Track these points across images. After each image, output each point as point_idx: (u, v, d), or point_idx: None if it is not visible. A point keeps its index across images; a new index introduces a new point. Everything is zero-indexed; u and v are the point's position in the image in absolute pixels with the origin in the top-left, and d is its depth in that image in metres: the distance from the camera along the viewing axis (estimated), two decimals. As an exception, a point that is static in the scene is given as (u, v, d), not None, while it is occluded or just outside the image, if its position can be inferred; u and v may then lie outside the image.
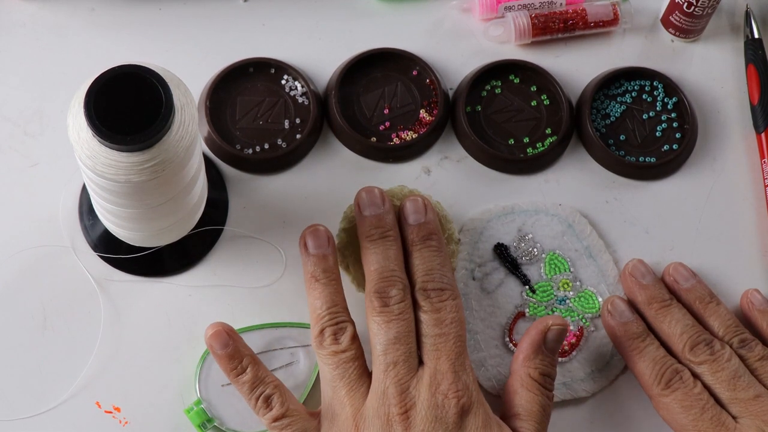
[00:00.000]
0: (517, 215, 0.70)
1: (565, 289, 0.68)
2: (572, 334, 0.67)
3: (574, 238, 0.69)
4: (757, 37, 0.76)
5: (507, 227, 0.69)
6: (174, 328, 0.66)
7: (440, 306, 0.59)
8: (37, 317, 0.65)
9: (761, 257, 0.71)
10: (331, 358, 0.59)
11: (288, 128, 0.71)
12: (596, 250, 0.69)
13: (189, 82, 0.57)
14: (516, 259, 0.68)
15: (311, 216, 0.69)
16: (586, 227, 0.69)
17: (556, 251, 0.69)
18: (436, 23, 0.76)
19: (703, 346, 0.63)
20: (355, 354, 0.59)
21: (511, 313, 0.67)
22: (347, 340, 0.59)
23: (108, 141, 0.52)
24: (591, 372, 0.66)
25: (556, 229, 0.69)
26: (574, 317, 0.67)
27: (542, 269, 0.68)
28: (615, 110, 0.74)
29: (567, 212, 0.70)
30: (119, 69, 0.53)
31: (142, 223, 0.61)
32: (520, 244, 0.69)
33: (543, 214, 0.70)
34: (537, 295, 0.68)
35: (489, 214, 0.70)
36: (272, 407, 0.59)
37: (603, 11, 0.76)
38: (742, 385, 0.61)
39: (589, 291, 0.68)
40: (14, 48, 0.73)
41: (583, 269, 0.69)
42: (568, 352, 0.66)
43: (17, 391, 0.63)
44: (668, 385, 0.62)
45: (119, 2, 0.74)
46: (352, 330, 0.60)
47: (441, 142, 0.73)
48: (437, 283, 0.60)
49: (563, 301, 0.68)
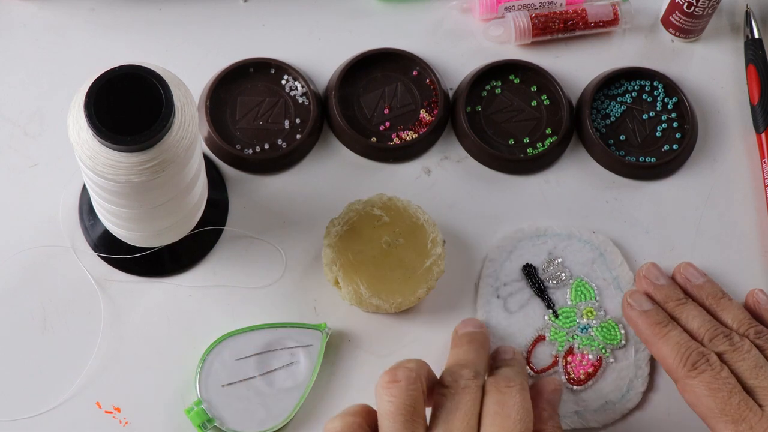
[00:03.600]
0: (549, 238, 0.69)
1: (589, 317, 0.67)
2: (590, 364, 0.66)
3: (604, 267, 0.68)
4: (757, 37, 0.76)
5: (538, 249, 0.69)
6: (174, 328, 0.66)
7: (505, 390, 0.57)
8: (37, 317, 0.65)
9: (761, 257, 0.71)
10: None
11: (288, 128, 0.71)
12: (625, 282, 0.68)
13: (189, 82, 0.57)
14: (543, 282, 0.68)
15: (311, 216, 0.69)
16: (618, 257, 0.69)
17: (584, 278, 0.68)
18: (436, 23, 0.76)
19: (722, 337, 0.62)
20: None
21: (532, 335, 0.67)
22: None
23: (108, 141, 0.52)
24: (605, 403, 0.65)
25: (587, 256, 0.69)
26: (594, 346, 0.66)
27: (568, 295, 0.68)
28: (615, 110, 0.74)
29: (600, 240, 0.69)
30: (119, 69, 0.53)
31: (143, 223, 0.61)
32: (548, 267, 0.68)
33: (576, 239, 0.69)
34: (560, 321, 0.67)
35: (521, 234, 0.69)
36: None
37: (603, 11, 0.76)
38: (764, 374, 0.60)
39: (612, 322, 0.67)
40: (14, 48, 0.73)
41: (610, 299, 0.68)
42: (584, 381, 0.66)
43: (17, 391, 0.63)
44: (694, 366, 0.60)
45: (119, 2, 0.74)
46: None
47: (441, 142, 0.73)
48: (506, 376, 0.59)
49: (585, 329, 0.67)
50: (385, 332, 0.67)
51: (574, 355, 0.66)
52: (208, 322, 0.66)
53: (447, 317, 0.67)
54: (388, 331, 0.67)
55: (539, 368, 0.66)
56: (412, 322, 0.67)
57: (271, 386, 0.64)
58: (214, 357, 0.64)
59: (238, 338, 0.64)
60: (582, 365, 0.66)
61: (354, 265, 0.64)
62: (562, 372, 0.66)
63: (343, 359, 0.66)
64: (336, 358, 0.66)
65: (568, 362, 0.66)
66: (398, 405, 0.54)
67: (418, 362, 0.57)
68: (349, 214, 0.66)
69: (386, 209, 0.66)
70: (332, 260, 0.65)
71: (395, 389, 0.55)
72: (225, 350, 0.64)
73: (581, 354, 0.66)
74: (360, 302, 0.64)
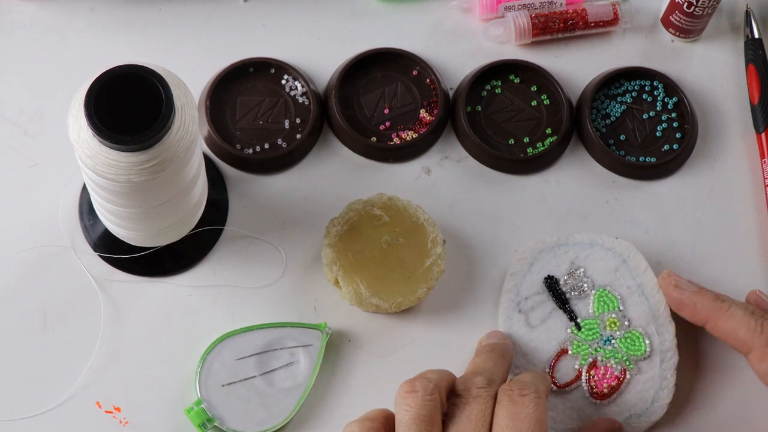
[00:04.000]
0: (570, 247, 0.68)
1: (612, 328, 0.65)
2: (614, 377, 0.64)
3: (628, 275, 0.67)
4: (757, 37, 0.76)
5: (559, 259, 0.67)
6: (174, 328, 0.66)
7: (519, 400, 0.55)
8: (37, 317, 0.65)
9: (761, 257, 0.71)
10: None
11: (288, 128, 0.71)
12: (649, 289, 0.66)
13: (189, 82, 0.57)
14: (565, 294, 0.66)
15: (311, 216, 0.69)
16: (642, 263, 0.67)
17: (607, 287, 0.66)
18: (436, 23, 0.76)
19: None
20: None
21: (554, 349, 0.65)
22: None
23: (108, 141, 0.52)
24: (629, 416, 0.64)
25: (610, 264, 0.67)
26: (618, 359, 0.65)
27: (591, 306, 0.66)
28: (615, 110, 0.74)
29: (623, 247, 0.67)
30: (119, 69, 0.53)
31: (143, 223, 0.61)
32: (569, 279, 0.67)
33: (598, 247, 0.67)
34: (582, 333, 0.65)
35: (542, 244, 0.68)
36: None
37: (603, 11, 0.76)
38: None
39: (636, 332, 0.65)
40: (14, 48, 0.73)
41: (634, 308, 0.66)
42: (608, 395, 0.64)
43: (17, 391, 0.63)
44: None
45: (119, 2, 0.74)
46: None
47: (441, 142, 0.73)
48: (522, 383, 0.57)
49: (609, 341, 0.65)
50: (385, 332, 0.67)
51: (597, 368, 0.65)
52: (208, 322, 0.66)
53: (447, 317, 0.68)
54: (388, 331, 0.67)
55: (562, 383, 0.65)
56: (412, 322, 0.67)
57: (271, 386, 0.64)
58: (214, 357, 0.64)
59: (238, 338, 0.64)
60: (606, 378, 0.65)
61: (354, 265, 0.64)
62: (586, 386, 0.65)
63: (343, 359, 0.66)
64: (336, 358, 0.66)
65: (591, 376, 0.65)
66: (414, 415, 0.54)
67: (440, 373, 0.57)
68: (349, 213, 0.66)
69: (386, 209, 0.66)
70: (332, 260, 0.64)
71: (412, 399, 0.55)
72: (225, 350, 0.64)
73: (605, 367, 0.65)
74: (360, 302, 0.64)
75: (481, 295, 0.68)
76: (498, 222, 0.70)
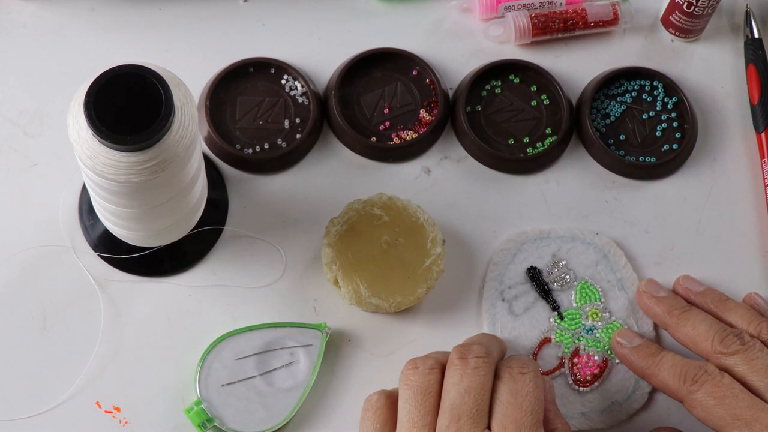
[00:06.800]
0: (552, 240, 0.69)
1: (594, 319, 0.67)
2: (596, 365, 0.66)
3: (608, 269, 0.69)
4: (757, 37, 0.76)
5: (541, 251, 0.69)
6: (174, 328, 0.66)
7: (519, 377, 0.57)
8: (37, 317, 0.65)
9: (761, 257, 0.71)
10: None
11: (288, 128, 0.71)
12: (629, 283, 0.68)
13: (189, 82, 0.57)
14: (548, 284, 0.68)
15: (311, 216, 0.69)
16: (621, 259, 0.69)
17: (589, 280, 0.68)
18: (436, 23, 0.76)
19: (732, 337, 0.61)
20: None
21: (537, 338, 0.67)
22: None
23: (108, 141, 0.52)
24: (611, 404, 0.65)
25: (591, 258, 0.69)
26: (600, 347, 0.67)
27: (573, 297, 0.68)
28: (615, 110, 0.74)
29: (603, 242, 0.69)
30: (119, 69, 0.53)
31: (142, 222, 0.61)
32: (553, 270, 0.68)
33: (579, 241, 0.69)
34: (565, 323, 0.67)
35: (524, 236, 0.69)
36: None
37: (603, 11, 0.76)
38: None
39: (617, 323, 0.67)
40: (14, 48, 0.73)
41: (614, 301, 0.68)
42: (590, 382, 0.66)
43: (17, 391, 0.63)
44: (695, 380, 0.60)
45: (119, 2, 0.74)
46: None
47: (441, 142, 0.73)
48: (521, 360, 0.58)
49: (591, 330, 0.67)
50: (385, 332, 0.67)
51: (579, 356, 0.66)
52: (208, 322, 0.66)
53: (447, 317, 0.68)
54: (388, 331, 0.67)
55: (545, 370, 0.66)
56: (412, 321, 0.67)
57: (271, 386, 0.64)
58: (213, 357, 0.64)
59: (238, 338, 0.64)
60: (588, 366, 0.66)
61: (354, 265, 0.64)
62: (569, 373, 0.66)
63: (343, 359, 0.66)
64: (336, 357, 0.66)
65: (574, 364, 0.66)
66: (414, 389, 0.57)
67: (444, 353, 0.60)
68: (348, 213, 0.66)
69: (386, 209, 0.66)
70: (332, 260, 0.65)
71: (413, 374, 0.58)
72: (225, 350, 0.64)
73: (587, 355, 0.66)
74: (360, 302, 0.64)
75: (480, 295, 0.68)
76: (498, 222, 0.70)
